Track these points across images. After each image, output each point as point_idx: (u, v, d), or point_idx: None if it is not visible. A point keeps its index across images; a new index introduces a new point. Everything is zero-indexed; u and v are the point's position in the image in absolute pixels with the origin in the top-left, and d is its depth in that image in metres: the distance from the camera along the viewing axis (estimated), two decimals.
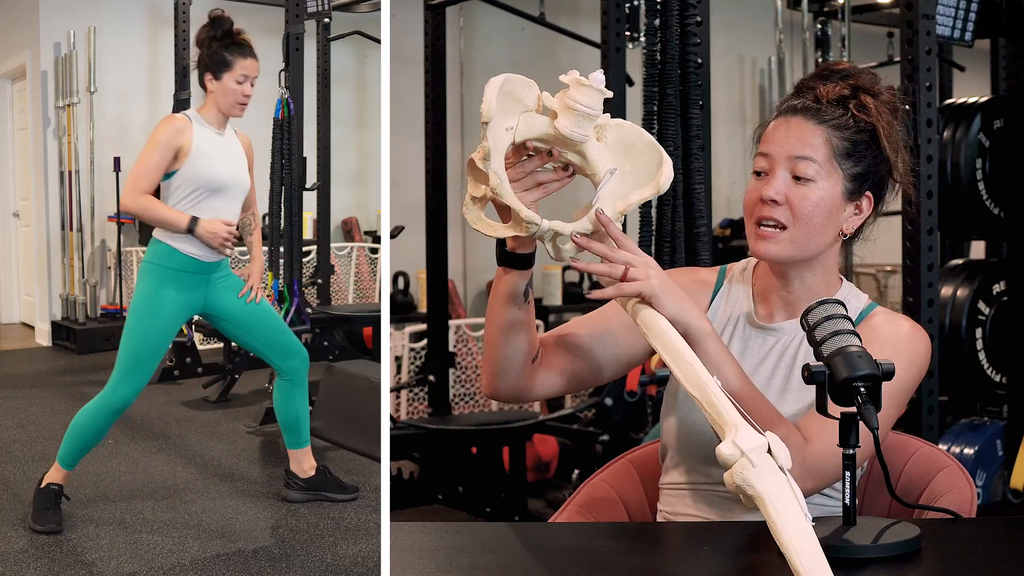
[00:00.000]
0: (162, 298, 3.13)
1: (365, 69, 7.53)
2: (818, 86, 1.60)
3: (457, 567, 1.38)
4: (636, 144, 1.47)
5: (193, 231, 3.09)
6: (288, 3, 5.04)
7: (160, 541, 3.14)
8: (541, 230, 1.43)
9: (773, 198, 1.56)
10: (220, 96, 3.21)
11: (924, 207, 3.00)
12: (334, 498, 3.51)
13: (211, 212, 3.15)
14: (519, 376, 1.61)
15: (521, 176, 1.45)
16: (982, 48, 4.17)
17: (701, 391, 1.34)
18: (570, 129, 1.41)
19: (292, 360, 3.39)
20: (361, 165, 7.69)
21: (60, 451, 3.22)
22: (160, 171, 3.12)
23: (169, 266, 3.13)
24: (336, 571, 2.94)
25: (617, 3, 3.42)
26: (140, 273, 3.18)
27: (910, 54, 3.01)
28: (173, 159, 3.12)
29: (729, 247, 6.62)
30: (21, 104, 7.23)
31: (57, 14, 6.66)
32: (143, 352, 3.12)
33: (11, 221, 7.50)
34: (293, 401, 3.42)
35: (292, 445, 3.49)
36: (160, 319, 3.13)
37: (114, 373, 3.13)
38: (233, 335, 3.39)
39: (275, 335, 3.38)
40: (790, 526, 1.20)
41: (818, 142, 1.56)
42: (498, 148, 1.40)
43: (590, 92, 1.40)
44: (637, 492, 1.82)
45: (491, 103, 1.38)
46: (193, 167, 3.13)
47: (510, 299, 1.54)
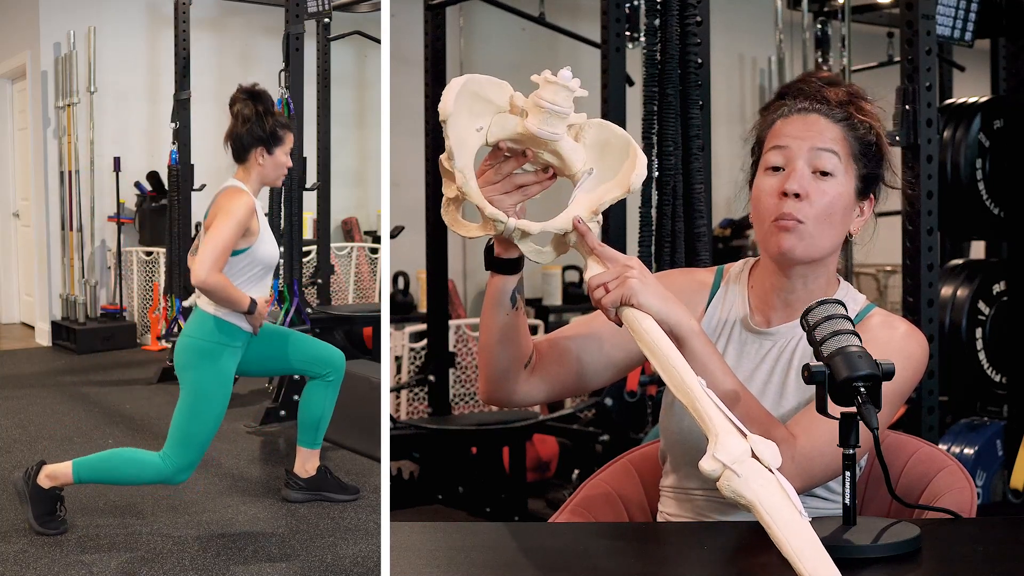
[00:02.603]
0: (228, 375, 3.13)
1: (365, 69, 7.53)
2: (822, 89, 1.59)
3: (457, 567, 1.38)
4: (611, 142, 1.46)
5: (252, 313, 3.13)
6: (288, 3, 5.04)
7: (160, 541, 3.14)
8: (508, 228, 1.42)
9: (796, 191, 1.53)
10: (270, 170, 3.26)
11: (924, 207, 3.00)
12: (334, 498, 3.50)
13: (265, 288, 3.24)
14: (511, 381, 1.60)
15: (499, 179, 1.44)
16: (982, 48, 4.17)
17: (685, 394, 1.33)
18: (538, 127, 1.39)
19: (329, 365, 3.42)
20: (361, 165, 7.69)
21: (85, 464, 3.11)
22: (233, 246, 3.09)
23: (231, 344, 3.13)
24: (336, 571, 2.94)
25: (617, 3, 3.42)
26: (195, 351, 3.08)
27: (910, 54, 3.01)
28: (242, 236, 3.12)
29: (729, 247, 6.62)
30: (21, 104, 7.23)
31: (57, 14, 6.66)
32: (209, 433, 3.09)
33: (11, 221, 7.50)
34: (322, 401, 3.43)
35: (306, 444, 3.48)
36: (226, 397, 3.13)
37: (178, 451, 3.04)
38: (269, 370, 3.45)
39: (307, 348, 3.40)
40: (787, 528, 1.19)
41: (838, 137, 1.56)
42: (465, 147, 1.39)
43: (557, 89, 1.39)
44: (637, 492, 1.82)
45: (448, 102, 1.37)
46: (261, 247, 3.17)
47: (498, 304, 1.53)
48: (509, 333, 1.55)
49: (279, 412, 4.54)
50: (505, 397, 1.63)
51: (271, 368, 3.46)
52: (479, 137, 1.40)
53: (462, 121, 1.39)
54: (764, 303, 1.65)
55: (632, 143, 1.46)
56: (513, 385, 1.61)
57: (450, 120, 1.38)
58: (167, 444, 3.07)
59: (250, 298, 3.12)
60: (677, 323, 1.46)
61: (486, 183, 1.44)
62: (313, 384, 3.43)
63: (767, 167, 1.58)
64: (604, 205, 1.45)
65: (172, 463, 3.04)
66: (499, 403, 1.65)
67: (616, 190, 1.45)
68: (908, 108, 2.98)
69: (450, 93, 1.38)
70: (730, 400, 1.45)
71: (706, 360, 1.47)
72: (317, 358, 3.41)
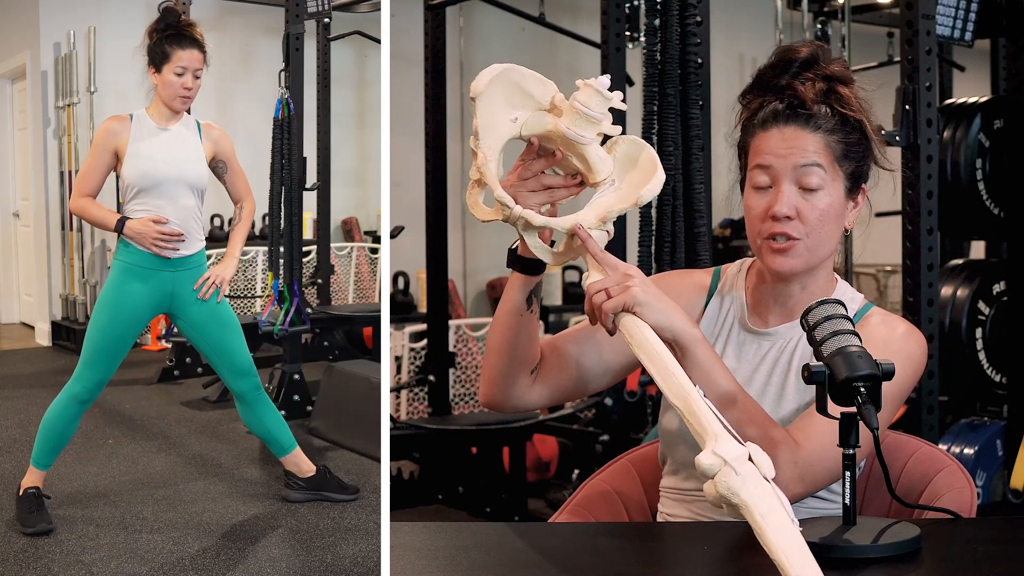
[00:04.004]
0: (125, 292, 3.14)
1: (365, 69, 7.53)
2: (795, 86, 1.56)
3: (457, 567, 1.38)
4: (640, 159, 1.47)
5: (120, 231, 3.10)
6: (288, 3, 5.04)
7: (160, 541, 3.14)
8: (513, 214, 1.42)
9: (786, 214, 1.53)
10: (161, 89, 3.20)
11: (924, 207, 3.00)
12: (334, 498, 3.50)
13: (156, 209, 3.13)
14: (516, 387, 1.60)
15: (528, 176, 1.46)
16: (982, 48, 4.17)
17: (682, 400, 1.32)
18: (567, 127, 1.41)
19: (242, 380, 3.31)
20: (361, 165, 7.69)
21: (33, 453, 3.23)
22: (100, 173, 3.17)
23: (131, 261, 3.14)
24: (336, 571, 2.94)
25: (617, 3, 3.41)
26: (110, 268, 3.22)
27: (910, 54, 3.01)
28: (115, 161, 3.15)
29: (729, 247, 6.62)
30: (21, 104, 7.23)
31: (57, 14, 6.66)
32: (104, 344, 3.15)
33: (11, 221, 7.50)
34: (258, 418, 3.37)
35: (280, 454, 3.47)
36: (122, 312, 3.14)
37: (78, 364, 3.18)
38: (190, 338, 3.34)
39: (229, 352, 3.29)
40: (778, 533, 1.18)
41: (820, 148, 1.54)
42: (493, 132, 1.41)
43: (592, 93, 1.40)
44: (637, 492, 1.82)
45: (481, 82, 1.39)
46: (131, 167, 3.14)
47: (515, 304, 1.53)
48: (522, 336, 1.55)
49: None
50: (507, 402, 1.62)
51: (192, 338, 3.32)
52: (513, 127, 1.42)
53: (494, 106, 1.40)
54: (761, 304, 1.65)
55: (656, 161, 1.47)
56: (517, 390, 1.60)
57: (480, 101, 1.40)
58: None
59: (118, 217, 3.11)
60: (681, 331, 1.45)
61: (517, 178, 1.45)
62: (239, 408, 3.38)
63: (754, 184, 1.58)
64: (613, 215, 1.45)
65: (72, 378, 3.19)
66: (500, 407, 1.64)
67: (625, 201, 1.46)
68: (908, 108, 2.98)
69: (485, 75, 1.40)
70: (729, 401, 1.44)
71: (709, 367, 1.46)
72: (232, 365, 3.28)
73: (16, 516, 3.20)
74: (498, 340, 1.57)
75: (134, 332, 3.21)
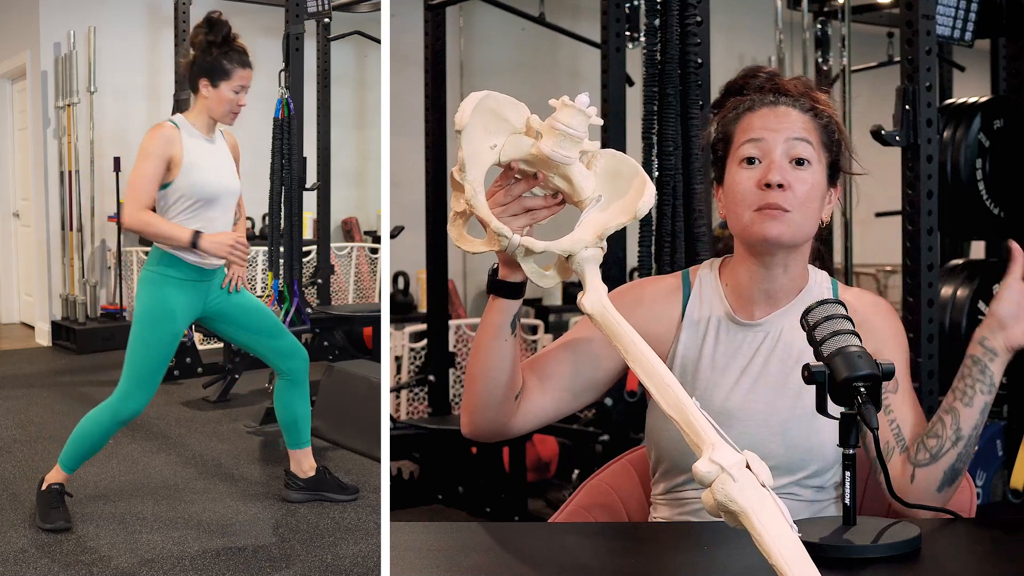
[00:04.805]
0: (171, 306, 3.11)
1: (365, 69, 7.53)
2: (777, 79, 1.63)
3: (457, 567, 1.38)
4: (621, 171, 1.46)
5: (197, 246, 3.05)
6: (288, 3, 5.04)
7: (160, 541, 3.14)
8: (512, 244, 1.40)
9: (779, 182, 1.54)
10: (215, 104, 3.17)
11: (924, 207, 2.99)
12: (334, 498, 3.51)
13: (209, 222, 3.13)
14: (501, 414, 1.57)
15: (509, 200, 1.43)
16: (982, 48, 4.16)
17: (679, 411, 1.32)
18: (551, 149, 1.39)
19: (292, 360, 3.38)
20: (361, 165, 7.70)
21: (63, 454, 3.21)
22: (156, 182, 3.07)
23: (174, 275, 3.11)
24: (336, 571, 2.94)
25: (617, 3, 3.41)
26: (143, 281, 3.15)
27: (910, 54, 3.01)
28: (166, 170, 3.08)
29: (729, 247, 6.60)
30: (21, 104, 7.23)
31: (57, 14, 6.66)
32: (154, 361, 3.11)
33: (11, 221, 7.51)
34: (293, 401, 3.41)
35: (292, 445, 3.49)
36: (169, 327, 3.12)
37: (124, 382, 3.10)
38: (232, 337, 3.38)
39: (274, 336, 3.36)
40: (777, 540, 1.17)
41: (809, 127, 1.59)
42: (479, 163, 1.39)
43: (574, 113, 1.39)
44: (637, 492, 1.82)
45: (465, 114, 1.37)
46: (187, 178, 3.10)
47: (497, 330, 1.50)
48: (505, 361, 1.52)
49: None
50: (494, 430, 1.59)
51: (235, 336, 3.36)
52: (492, 154, 1.41)
53: (477, 135, 1.39)
54: (744, 298, 1.65)
55: (641, 172, 1.46)
56: (503, 417, 1.57)
57: (465, 132, 1.38)
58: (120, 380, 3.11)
59: (192, 231, 3.06)
60: None
61: (496, 204, 1.42)
62: (279, 386, 3.42)
63: (742, 159, 1.59)
64: (609, 230, 1.44)
65: (119, 396, 3.10)
66: (486, 437, 1.60)
67: (622, 216, 1.44)
68: (908, 108, 2.97)
69: (468, 105, 1.38)
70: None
71: None
72: (279, 348, 3.36)
73: (38, 510, 3.21)
74: (482, 368, 1.52)
75: (176, 344, 3.19)
